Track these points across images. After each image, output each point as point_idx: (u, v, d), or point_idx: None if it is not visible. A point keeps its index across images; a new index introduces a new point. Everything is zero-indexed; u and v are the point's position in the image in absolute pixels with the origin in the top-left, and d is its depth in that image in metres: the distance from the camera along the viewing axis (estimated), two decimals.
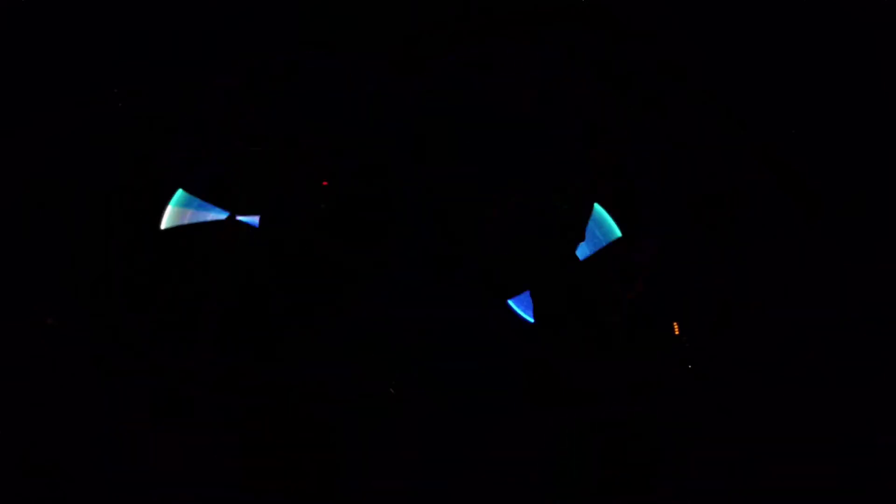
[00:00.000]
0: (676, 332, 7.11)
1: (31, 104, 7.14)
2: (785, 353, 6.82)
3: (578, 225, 7.19)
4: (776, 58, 7.12)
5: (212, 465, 6.42)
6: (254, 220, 7.17)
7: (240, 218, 7.18)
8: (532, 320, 7.04)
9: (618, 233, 7.16)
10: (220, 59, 7.28)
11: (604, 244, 7.16)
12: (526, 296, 7.07)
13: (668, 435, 6.65)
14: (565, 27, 7.27)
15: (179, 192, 7.14)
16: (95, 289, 7.06)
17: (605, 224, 7.23)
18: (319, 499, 6.32)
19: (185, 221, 7.10)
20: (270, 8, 7.25)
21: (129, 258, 7.13)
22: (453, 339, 7.00)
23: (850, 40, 7.10)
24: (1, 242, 7.03)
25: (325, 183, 7.23)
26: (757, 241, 7.13)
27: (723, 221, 7.20)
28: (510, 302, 7.10)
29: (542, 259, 7.15)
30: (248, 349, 6.97)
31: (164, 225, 7.09)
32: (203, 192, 7.18)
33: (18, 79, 7.15)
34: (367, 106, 7.29)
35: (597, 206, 7.18)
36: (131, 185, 7.20)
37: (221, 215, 7.09)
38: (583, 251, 7.16)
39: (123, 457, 6.37)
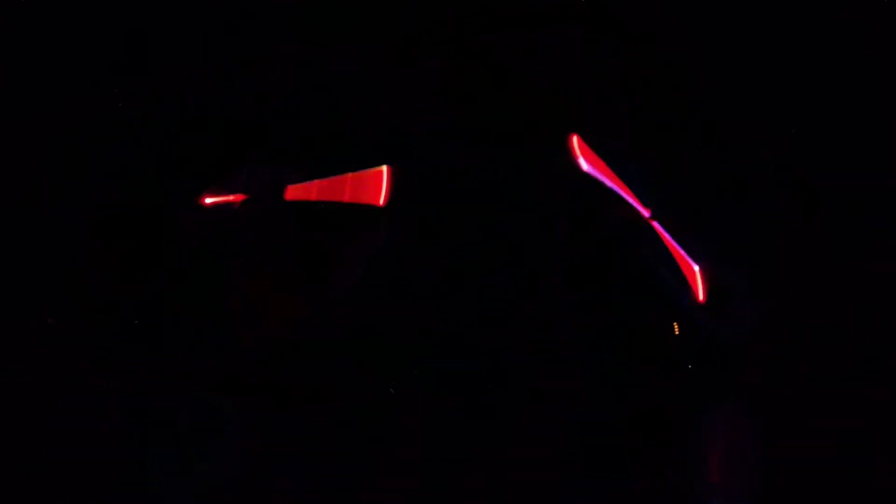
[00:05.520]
0: (676, 332, 7.12)
1: (31, 104, 7.14)
2: (784, 350, 6.83)
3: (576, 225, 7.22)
4: (776, 58, 7.12)
5: (212, 465, 6.41)
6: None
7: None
8: None
9: None
10: (220, 58, 7.28)
11: None
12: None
13: (668, 433, 6.67)
14: (565, 27, 7.27)
15: None
16: (95, 289, 7.07)
17: None
18: (321, 498, 6.31)
19: None
20: (270, 7, 7.26)
21: (128, 260, 7.13)
22: (453, 339, 7.01)
23: (849, 41, 7.11)
24: (1, 242, 7.03)
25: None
26: (756, 240, 7.14)
27: (723, 221, 7.21)
28: None
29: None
30: (248, 349, 6.98)
31: None
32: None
33: (18, 79, 7.15)
34: (366, 103, 7.30)
35: None
36: (131, 186, 7.20)
37: None
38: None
39: (123, 456, 6.37)
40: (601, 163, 7.15)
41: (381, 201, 7.06)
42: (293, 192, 7.20)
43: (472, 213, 7.18)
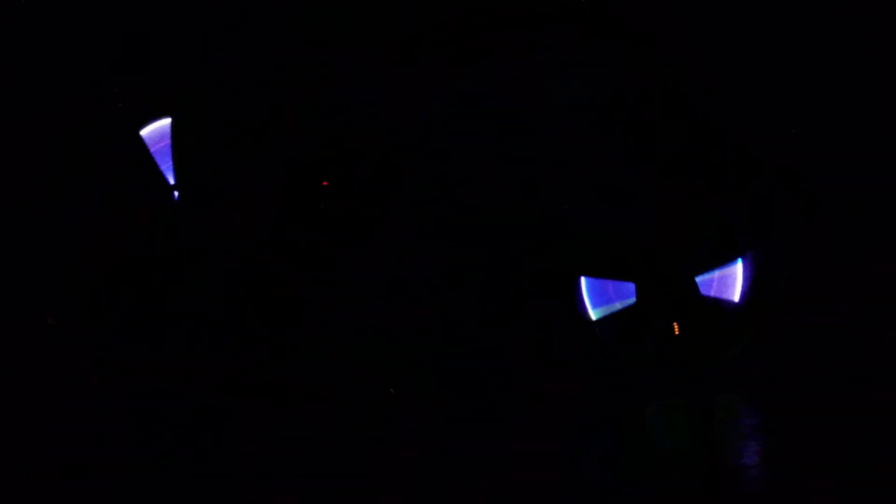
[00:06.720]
0: (676, 332, 7.12)
1: (31, 104, 7.14)
2: (783, 349, 6.83)
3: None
4: (776, 58, 7.12)
5: (211, 465, 6.42)
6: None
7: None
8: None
9: None
10: (221, 58, 7.29)
11: None
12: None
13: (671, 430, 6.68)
14: (565, 27, 7.27)
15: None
16: (95, 289, 7.07)
17: None
18: (321, 498, 6.32)
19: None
20: (271, 6, 7.27)
21: (128, 260, 7.13)
22: (453, 339, 7.01)
23: (849, 41, 7.11)
24: (1, 242, 7.04)
25: (325, 183, 7.24)
26: (756, 239, 7.13)
27: (723, 220, 7.20)
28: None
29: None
30: (249, 349, 6.98)
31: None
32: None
33: (18, 79, 7.15)
34: (367, 104, 7.30)
35: None
36: (131, 186, 7.21)
37: None
38: None
39: (123, 456, 6.37)
40: None
41: None
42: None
43: (471, 213, 7.18)
